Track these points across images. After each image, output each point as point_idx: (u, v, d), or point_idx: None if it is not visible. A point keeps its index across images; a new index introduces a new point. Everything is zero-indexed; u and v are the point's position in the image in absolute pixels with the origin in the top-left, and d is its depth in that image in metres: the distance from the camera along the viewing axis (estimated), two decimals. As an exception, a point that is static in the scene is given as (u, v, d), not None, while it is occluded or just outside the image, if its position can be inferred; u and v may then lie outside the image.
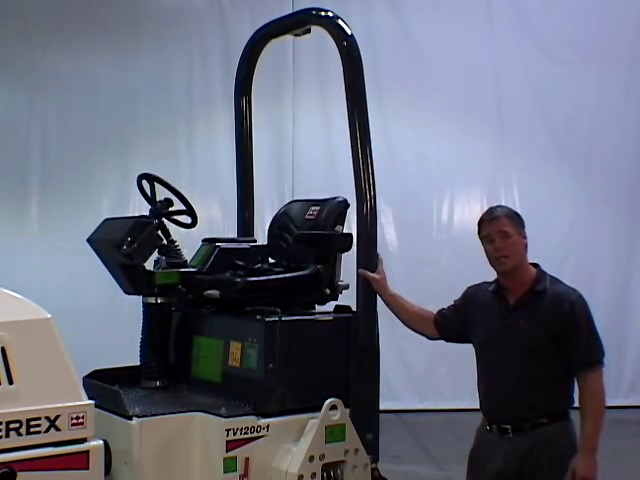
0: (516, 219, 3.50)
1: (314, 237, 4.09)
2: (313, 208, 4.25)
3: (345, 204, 4.17)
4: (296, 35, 4.46)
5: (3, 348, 2.86)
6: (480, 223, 3.58)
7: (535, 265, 3.55)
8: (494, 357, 3.49)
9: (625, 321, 9.41)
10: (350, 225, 4.16)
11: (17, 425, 2.82)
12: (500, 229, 3.46)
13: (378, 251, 3.92)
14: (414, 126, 9.20)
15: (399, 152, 8.97)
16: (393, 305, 3.88)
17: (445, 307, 3.83)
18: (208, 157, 8.98)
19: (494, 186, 9.40)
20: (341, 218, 4.15)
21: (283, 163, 9.06)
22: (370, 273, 3.82)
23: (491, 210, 3.57)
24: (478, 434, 3.62)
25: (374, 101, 4.29)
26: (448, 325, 3.76)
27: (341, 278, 4.15)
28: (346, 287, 4.14)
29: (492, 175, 9.39)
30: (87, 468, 2.95)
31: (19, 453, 2.81)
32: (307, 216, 4.25)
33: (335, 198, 4.22)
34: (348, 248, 4.07)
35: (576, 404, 3.47)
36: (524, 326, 3.41)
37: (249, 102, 4.79)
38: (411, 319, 3.88)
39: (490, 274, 3.62)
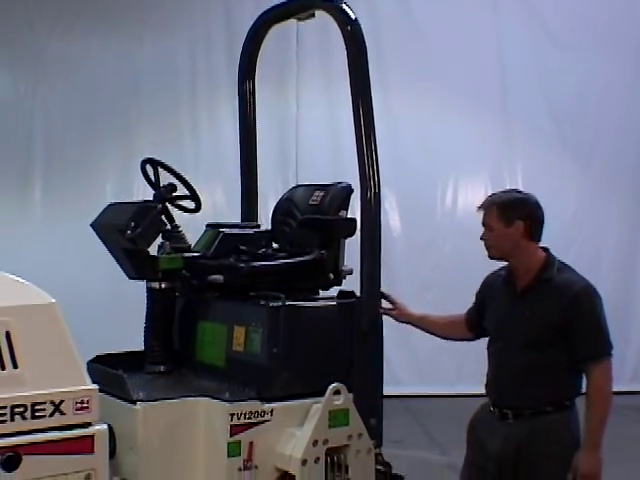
0: (508, 209, 3.45)
1: (318, 222, 4.09)
2: (317, 193, 4.25)
3: (349, 189, 4.16)
4: (300, 20, 4.44)
5: (7, 332, 2.86)
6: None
7: (545, 249, 3.52)
8: (501, 344, 3.50)
9: (629, 307, 9.42)
10: (354, 210, 4.16)
11: (22, 409, 2.83)
12: (485, 221, 3.50)
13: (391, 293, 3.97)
14: (418, 111, 9.18)
15: (403, 137, 8.96)
16: (425, 325, 3.91)
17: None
18: (212, 142, 8.98)
19: (498, 171, 9.39)
20: (345, 203, 4.15)
21: (287, 148, 9.05)
22: (389, 311, 3.89)
23: (486, 199, 3.57)
24: (481, 409, 3.62)
25: (378, 86, 4.29)
26: (474, 321, 3.76)
27: (345, 263, 4.15)
28: (350, 272, 4.14)
29: (496, 160, 9.38)
30: (92, 452, 2.96)
31: (24, 437, 2.82)
32: (311, 201, 4.24)
33: (339, 183, 4.21)
34: (352, 233, 4.06)
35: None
36: (528, 316, 3.40)
37: (253, 87, 4.78)
38: (447, 331, 3.90)
39: (491, 261, 3.62)
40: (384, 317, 3.89)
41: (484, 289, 3.73)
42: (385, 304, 3.93)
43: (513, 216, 3.44)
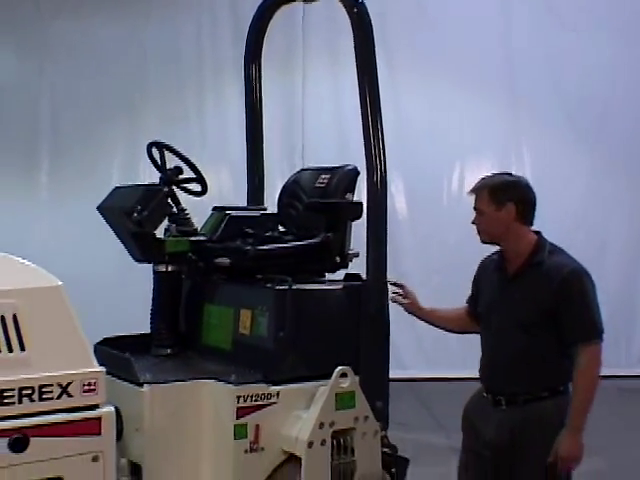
0: (499, 191, 3.42)
1: (324, 205, 4.08)
2: (323, 176, 4.24)
3: (355, 172, 4.16)
4: (306, 1, 4.42)
5: (14, 315, 2.87)
6: None
7: (537, 233, 3.48)
8: (493, 329, 3.47)
9: (636, 292, 9.41)
10: (360, 193, 4.15)
11: (29, 392, 2.84)
12: (476, 205, 3.48)
13: (403, 281, 3.97)
14: (424, 94, 9.16)
15: (409, 120, 8.93)
16: (434, 320, 3.90)
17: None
18: (218, 125, 8.97)
19: (505, 155, 9.37)
20: (351, 186, 4.14)
21: (293, 131, 9.03)
22: (401, 298, 3.88)
23: (479, 181, 3.54)
24: (474, 396, 3.61)
25: (384, 69, 4.27)
26: (474, 309, 3.74)
27: (351, 246, 4.15)
28: (356, 255, 4.14)
29: (503, 144, 9.36)
30: (99, 434, 2.97)
31: (31, 419, 2.83)
32: (317, 184, 4.24)
33: (345, 166, 4.20)
34: (358, 216, 4.06)
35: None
36: (518, 299, 3.36)
37: (259, 69, 4.76)
38: (454, 324, 3.88)
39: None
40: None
41: (479, 273, 3.71)
42: (394, 289, 3.92)
43: (504, 199, 3.40)
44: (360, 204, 4.04)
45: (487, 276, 3.61)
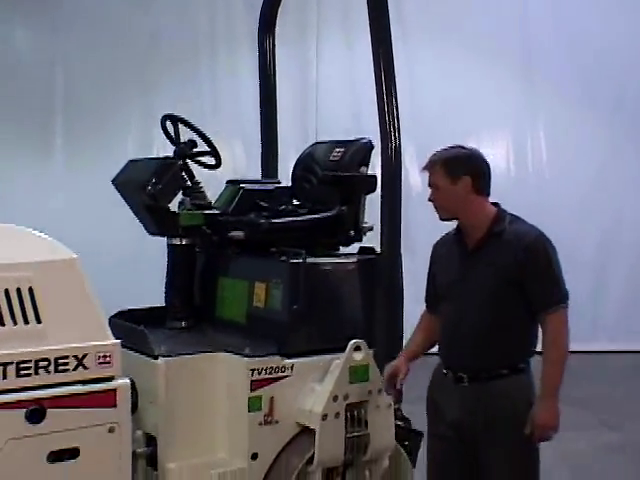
0: (453, 165, 3.29)
1: (338, 178, 4.07)
2: (337, 149, 4.22)
3: (369, 145, 4.14)
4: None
5: (30, 288, 2.89)
6: None
7: (496, 204, 3.36)
8: (454, 304, 3.33)
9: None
10: (374, 167, 4.14)
11: (46, 363, 2.86)
12: (431, 181, 3.34)
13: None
14: (440, 66, 9.10)
15: (424, 93, 8.88)
16: (421, 351, 3.62)
17: None
18: (231, 98, 8.94)
19: (520, 128, 9.33)
20: (365, 159, 4.12)
21: (307, 104, 9.00)
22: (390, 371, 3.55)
23: (430, 156, 3.40)
24: (434, 375, 3.48)
25: (399, 41, 4.24)
26: (433, 296, 3.54)
27: (365, 219, 4.14)
28: (370, 228, 4.14)
29: (518, 116, 9.30)
30: (114, 406, 3.00)
31: (48, 390, 2.86)
32: (331, 157, 4.22)
33: (359, 139, 4.19)
34: (373, 189, 4.05)
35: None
36: (482, 271, 3.25)
37: (273, 41, 4.74)
38: (432, 336, 3.56)
39: (520, 214, 3.55)
40: (404, 274, 3.87)
41: (434, 255, 3.56)
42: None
43: (459, 172, 3.28)
44: (374, 177, 4.03)
45: (444, 254, 3.47)
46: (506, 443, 3.21)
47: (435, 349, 3.51)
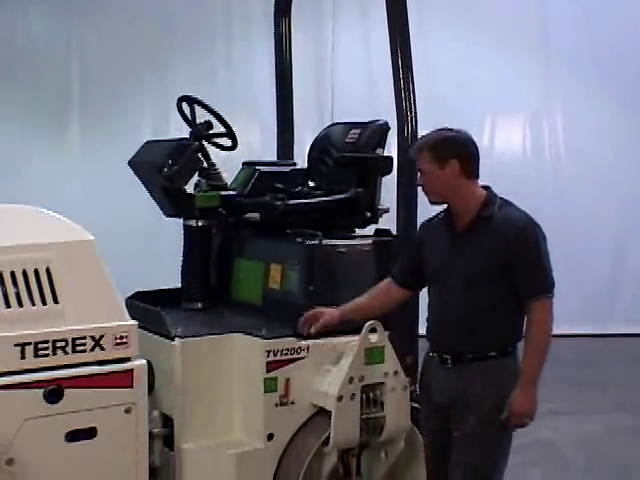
0: (440, 148, 3.20)
1: (354, 160, 4.06)
2: (353, 131, 4.21)
3: (386, 127, 4.13)
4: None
5: (48, 269, 2.90)
6: None
7: (486, 188, 3.29)
8: (441, 288, 3.27)
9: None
10: (390, 148, 4.13)
11: (63, 344, 2.89)
12: (419, 166, 3.26)
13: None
14: (457, 49, 9.02)
15: (441, 76, 8.82)
16: (354, 315, 3.53)
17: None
18: (247, 80, 8.92)
19: (537, 111, 9.26)
20: (382, 141, 4.11)
21: (323, 86, 8.98)
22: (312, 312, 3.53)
23: (417, 141, 3.33)
24: (424, 358, 3.45)
25: (416, 24, 4.21)
26: (408, 273, 3.46)
27: (381, 201, 4.14)
28: (386, 210, 4.13)
29: (535, 100, 9.23)
30: (131, 386, 3.02)
31: (66, 371, 2.88)
32: (347, 139, 4.21)
33: (376, 121, 4.18)
34: (389, 171, 4.04)
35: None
36: (469, 254, 3.19)
37: (289, 23, 4.73)
38: (377, 306, 3.52)
39: (528, 200, 3.53)
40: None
41: (422, 235, 3.47)
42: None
43: (446, 156, 3.19)
44: (390, 159, 4.02)
45: (433, 237, 3.38)
46: (480, 418, 3.15)
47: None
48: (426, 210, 3.47)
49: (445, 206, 3.34)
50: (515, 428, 3.22)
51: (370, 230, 4.13)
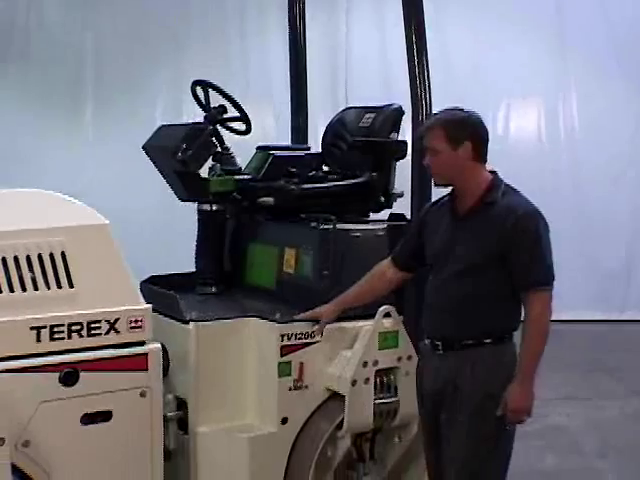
0: (456, 128, 3.12)
1: (369, 144, 4.05)
2: (368, 115, 4.20)
3: (400, 111, 4.11)
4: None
5: (63, 252, 2.92)
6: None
7: (493, 173, 3.22)
8: (439, 273, 3.20)
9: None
10: (404, 133, 4.12)
11: (78, 327, 2.90)
12: (429, 144, 3.14)
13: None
14: (471, 32, 8.98)
15: (455, 59, 8.78)
16: (352, 302, 3.54)
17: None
18: (261, 64, 8.90)
19: (552, 95, 9.21)
20: (396, 125, 4.10)
21: (337, 70, 8.95)
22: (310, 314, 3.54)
23: (429, 119, 3.22)
24: (420, 346, 3.40)
25: (430, 6, 4.17)
26: (407, 255, 3.43)
27: (395, 186, 4.13)
28: (400, 195, 4.12)
29: (550, 84, 9.17)
30: (146, 369, 3.04)
31: (81, 354, 2.90)
32: (361, 123, 4.20)
33: (390, 105, 4.16)
34: (403, 156, 4.03)
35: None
36: (468, 239, 3.10)
37: (303, 6, 4.71)
38: (373, 291, 3.50)
39: (545, 185, 3.50)
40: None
41: (424, 219, 3.40)
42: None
43: (461, 137, 3.11)
44: (405, 143, 4.01)
45: (436, 221, 3.30)
46: (472, 408, 3.07)
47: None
48: (439, 195, 3.45)
49: (450, 189, 3.26)
50: (512, 424, 3.10)
51: (384, 215, 4.12)
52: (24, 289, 2.84)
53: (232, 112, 4.22)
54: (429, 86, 3.80)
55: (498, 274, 3.07)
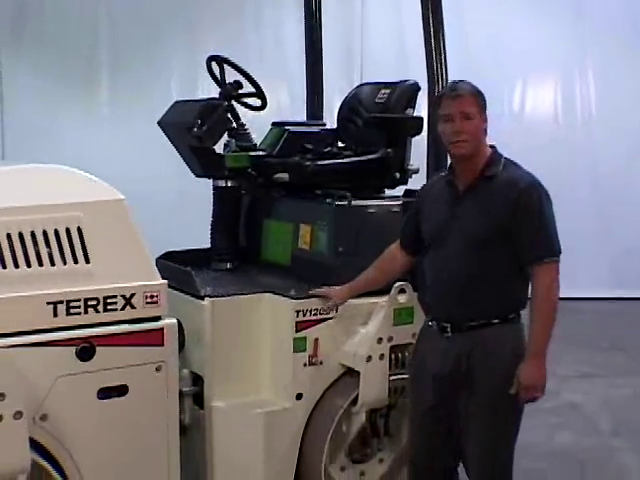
0: (481, 99, 3.07)
1: (384, 120, 4.03)
2: (383, 91, 4.18)
3: (416, 87, 4.09)
4: None
5: (79, 228, 2.92)
6: (440, 99, 3.13)
7: (492, 146, 3.17)
8: (440, 250, 3.14)
9: None
10: (420, 109, 4.10)
11: (94, 302, 2.91)
12: (462, 109, 3.02)
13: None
14: (488, 7, 8.90)
15: (472, 35, 8.71)
16: (364, 288, 3.53)
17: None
18: (276, 39, 8.86)
19: (569, 72, 9.13)
20: (412, 101, 4.08)
21: (352, 45, 8.90)
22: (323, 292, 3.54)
23: (454, 85, 3.12)
24: (422, 327, 3.35)
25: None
26: (412, 239, 3.37)
27: (411, 162, 4.11)
28: (416, 171, 4.11)
29: (567, 60, 9.10)
30: (162, 345, 3.05)
31: (97, 329, 2.91)
32: (377, 99, 4.18)
33: (406, 81, 4.14)
34: (419, 132, 4.01)
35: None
36: (471, 215, 3.05)
37: (318, -18, 4.69)
38: (385, 275, 3.49)
39: (561, 164, 3.46)
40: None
41: (420, 198, 3.36)
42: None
43: (484, 105, 3.08)
44: (421, 119, 3.99)
45: (434, 198, 3.24)
46: (488, 393, 3.05)
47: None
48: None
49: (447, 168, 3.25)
50: (525, 402, 3.07)
51: (399, 191, 4.11)
52: (41, 264, 2.85)
53: (247, 88, 4.21)
54: (445, 61, 3.78)
55: (502, 250, 3.03)
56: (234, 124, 4.09)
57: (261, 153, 4.10)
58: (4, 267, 2.78)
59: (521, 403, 3.07)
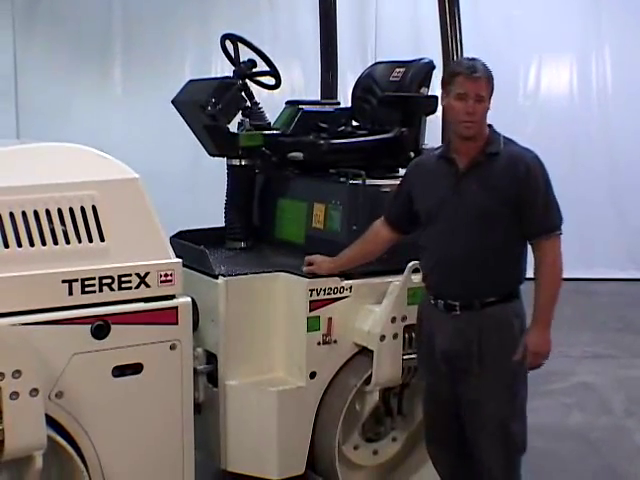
0: (492, 81, 3.12)
1: (399, 99, 4.02)
2: (398, 70, 4.16)
3: (431, 65, 4.07)
4: None
5: (94, 206, 2.93)
6: (455, 75, 3.10)
7: (489, 126, 3.19)
8: (443, 227, 3.15)
9: None
10: (435, 88, 4.07)
11: (109, 281, 2.92)
12: (478, 92, 3.06)
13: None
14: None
15: (486, 13, 8.66)
16: (347, 264, 3.54)
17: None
18: (290, 18, 8.83)
19: (585, 51, 9.06)
20: (426, 80, 4.06)
21: (366, 25, 8.85)
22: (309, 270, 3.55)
23: (473, 66, 3.09)
24: (421, 308, 3.38)
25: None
26: (402, 216, 3.38)
27: (426, 141, 4.09)
28: (431, 150, 4.09)
29: (583, 39, 9.03)
30: (176, 323, 3.05)
31: (112, 307, 2.92)
32: (391, 78, 4.17)
33: (421, 59, 4.12)
34: (433, 111, 4.00)
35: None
36: (476, 191, 3.08)
37: (333, -40, 4.65)
38: (369, 252, 3.51)
39: (577, 143, 3.44)
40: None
41: (412, 175, 3.36)
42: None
43: (493, 88, 3.13)
44: (435, 98, 3.95)
45: (427, 175, 3.26)
46: (499, 370, 3.13)
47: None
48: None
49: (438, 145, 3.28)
50: (530, 369, 3.18)
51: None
52: (56, 242, 2.85)
53: (261, 67, 4.19)
54: (461, 40, 3.77)
55: (508, 224, 3.08)
56: (248, 103, 4.08)
57: (275, 132, 4.10)
58: (19, 245, 2.79)
59: (526, 369, 3.16)
